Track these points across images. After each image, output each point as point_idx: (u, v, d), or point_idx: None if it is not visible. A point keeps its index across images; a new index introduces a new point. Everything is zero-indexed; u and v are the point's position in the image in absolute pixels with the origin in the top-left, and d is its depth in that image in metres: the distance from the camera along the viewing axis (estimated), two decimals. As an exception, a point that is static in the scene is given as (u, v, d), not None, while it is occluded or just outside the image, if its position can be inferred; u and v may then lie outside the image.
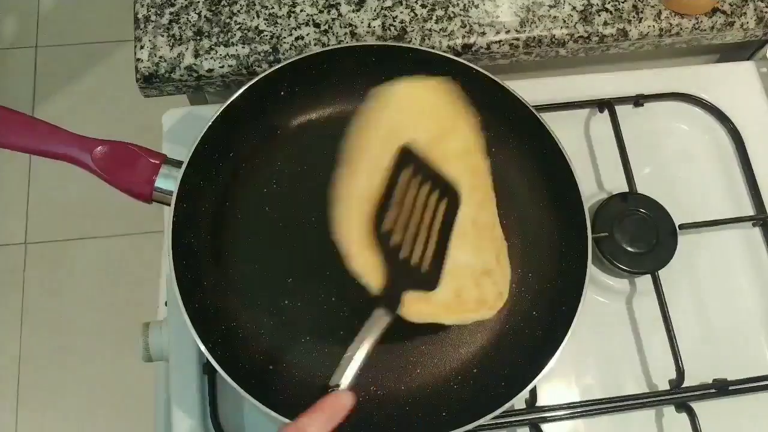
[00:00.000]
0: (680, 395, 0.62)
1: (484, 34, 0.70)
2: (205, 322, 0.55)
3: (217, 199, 0.63)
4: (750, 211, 0.71)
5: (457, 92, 0.59)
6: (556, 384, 0.63)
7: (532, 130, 0.64)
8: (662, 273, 0.65)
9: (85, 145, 0.59)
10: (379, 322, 0.51)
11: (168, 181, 0.59)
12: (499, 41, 0.70)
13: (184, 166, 0.58)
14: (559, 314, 0.58)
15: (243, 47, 0.68)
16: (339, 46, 0.67)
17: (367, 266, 0.52)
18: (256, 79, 0.62)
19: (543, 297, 0.61)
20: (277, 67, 0.63)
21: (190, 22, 0.69)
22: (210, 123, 0.60)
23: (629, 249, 0.65)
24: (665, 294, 0.64)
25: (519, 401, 0.58)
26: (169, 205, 0.58)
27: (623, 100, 0.73)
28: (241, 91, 0.61)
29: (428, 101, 0.58)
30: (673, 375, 0.63)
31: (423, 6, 0.70)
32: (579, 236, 0.60)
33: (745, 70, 0.77)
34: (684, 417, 0.61)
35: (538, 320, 0.60)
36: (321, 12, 0.70)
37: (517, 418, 0.61)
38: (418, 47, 0.65)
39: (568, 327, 0.56)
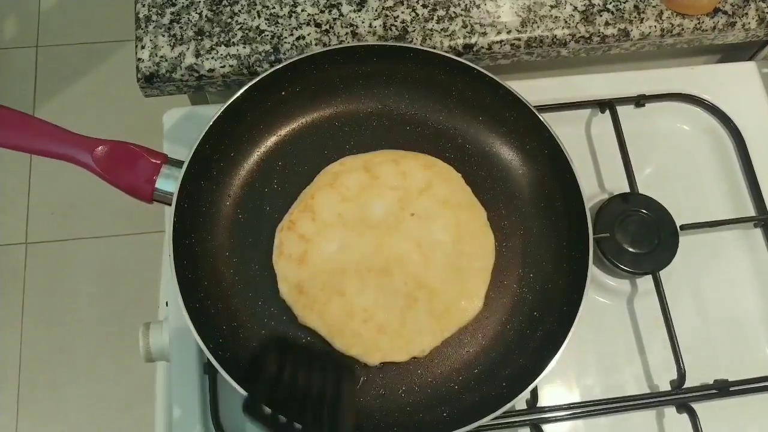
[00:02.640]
0: (681, 396, 0.62)
1: (485, 34, 0.70)
2: (206, 322, 0.55)
3: (218, 199, 0.63)
4: (751, 211, 0.71)
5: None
6: (557, 384, 0.63)
7: (534, 131, 0.64)
8: (663, 273, 0.65)
9: (86, 144, 0.59)
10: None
11: (169, 181, 0.59)
12: (501, 41, 0.70)
13: (185, 166, 0.58)
14: (561, 315, 0.58)
15: (244, 47, 0.68)
16: (340, 46, 0.67)
17: None
18: (256, 80, 0.62)
19: (544, 297, 0.61)
20: (278, 67, 0.62)
21: (191, 21, 0.69)
22: (211, 123, 0.60)
23: (630, 249, 0.65)
24: (666, 294, 0.64)
25: (520, 402, 0.58)
26: (170, 204, 0.58)
27: (624, 101, 0.72)
28: (241, 91, 0.61)
29: None
30: (674, 375, 0.63)
31: (424, 6, 0.70)
32: (580, 237, 0.60)
33: (746, 71, 0.77)
34: (685, 418, 0.61)
35: (540, 321, 0.60)
36: (322, 12, 0.70)
37: (519, 419, 0.61)
38: (419, 47, 0.65)
39: (569, 328, 0.56)
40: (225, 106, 0.60)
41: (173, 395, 0.61)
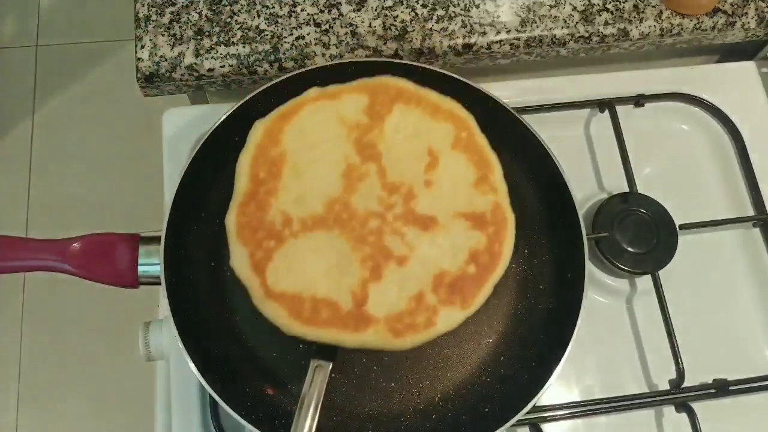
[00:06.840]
0: (680, 395, 0.62)
1: (484, 33, 0.70)
2: (233, 395, 0.54)
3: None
4: (750, 211, 0.71)
5: None
6: (556, 384, 0.63)
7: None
8: (662, 273, 0.65)
9: (55, 249, 0.56)
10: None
11: (151, 259, 0.57)
12: (500, 41, 0.70)
13: (162, 239, 0.56)
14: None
15: (244, 47, 0.68)
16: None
17: None
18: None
19: (546, 272, 0.61)
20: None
21: (190, 21, 0.69)
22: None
23: (629, 249, 0.65)
24: (665, 294, 0.64)
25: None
26: (158, 284, 0.56)
27: (624, 100, 0.73)
28: (194, 153, 0.59)
29: None
30: (673, 375, 0.63)
31: (424, 6, 0.70)
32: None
33: (745, 70, 0.77)
34: (684, 417, 0.61)
35: (547, 294, 0.60)
36: (322, 12, 0.70)
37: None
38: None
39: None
40: (181, 176, 0.59)
41: (173, 394, 0.61)
